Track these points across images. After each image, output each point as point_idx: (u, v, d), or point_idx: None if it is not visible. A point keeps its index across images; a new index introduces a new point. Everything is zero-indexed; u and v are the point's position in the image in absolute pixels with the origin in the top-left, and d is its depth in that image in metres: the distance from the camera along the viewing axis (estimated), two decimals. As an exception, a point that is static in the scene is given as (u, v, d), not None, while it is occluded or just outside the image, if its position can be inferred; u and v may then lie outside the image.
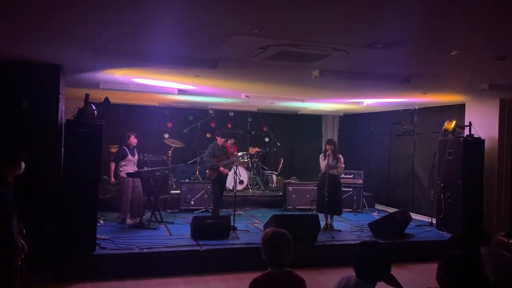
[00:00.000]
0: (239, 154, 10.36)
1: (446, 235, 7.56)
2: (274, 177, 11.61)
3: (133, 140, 8.06)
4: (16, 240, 3.80)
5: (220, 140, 8.26)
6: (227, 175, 8.37)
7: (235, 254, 6.37)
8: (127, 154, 7.89)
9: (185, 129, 11.40)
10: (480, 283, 2.64)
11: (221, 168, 8.03)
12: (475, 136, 7.88)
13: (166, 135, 11.29)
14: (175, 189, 10.12)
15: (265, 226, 6.99)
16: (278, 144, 12.06)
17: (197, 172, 10.65)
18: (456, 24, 3.62)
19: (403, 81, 6.15)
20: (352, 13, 3.38)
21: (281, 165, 11.97)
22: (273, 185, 11.48)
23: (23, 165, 3.99)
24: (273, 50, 4.56)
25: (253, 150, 9.13)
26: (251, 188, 11.04)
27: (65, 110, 6.49)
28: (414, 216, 8.87)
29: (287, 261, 2.92)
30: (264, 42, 4.28)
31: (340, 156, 8.04)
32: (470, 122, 7.98)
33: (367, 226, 7.74)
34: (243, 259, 6.21)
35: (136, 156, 8.23)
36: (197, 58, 5.23)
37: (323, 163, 7.98)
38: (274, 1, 3.17)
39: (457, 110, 8.85)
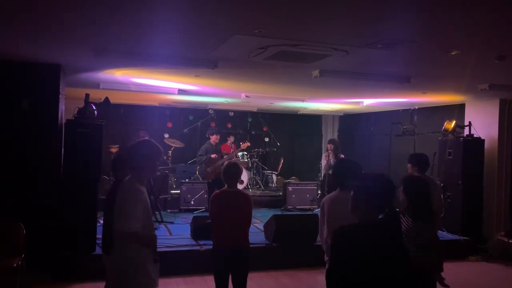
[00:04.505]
0: (239, 154, 10.35)
1: (446, 235, 7.55)
2: (274, 177, 11.61)
3: None
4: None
5: (214, 138, 8.04)
6: None
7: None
8: None
9: (185, 129, 11.41)
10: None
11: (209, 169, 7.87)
12: (475, 136, 7.87)
13: (166, 135, 11.30)
14: (175, 189, 10.12)
15: (265, 226, 6.98)
16: (278, 144, 12.06)
17: (197, 172, 10.64)
18: (456, 24, 3.62)
19: (403, 81, 6.15)
20: (352, 13, 3.38)
21: (281, 165, 11.98)
22: (273, 185, 11.49)
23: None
24: (273, 50, 4.56)
25: (244, 145, 8.93)
26: (251, 188, 11.04)
27: (65, 110, 6.49)
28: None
29: (236, 183, 4.20)
30: (264, 42, 4.28)
31: (341, 156, 8.06)
32: (470, 122, 7.97)
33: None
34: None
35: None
36: (197, 58, 5.23)
37: (325, 163, 7.97)
38: (274, 1, 3.17)
39: (457, 110, 8.84)
